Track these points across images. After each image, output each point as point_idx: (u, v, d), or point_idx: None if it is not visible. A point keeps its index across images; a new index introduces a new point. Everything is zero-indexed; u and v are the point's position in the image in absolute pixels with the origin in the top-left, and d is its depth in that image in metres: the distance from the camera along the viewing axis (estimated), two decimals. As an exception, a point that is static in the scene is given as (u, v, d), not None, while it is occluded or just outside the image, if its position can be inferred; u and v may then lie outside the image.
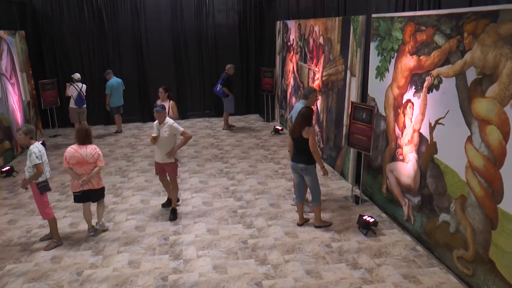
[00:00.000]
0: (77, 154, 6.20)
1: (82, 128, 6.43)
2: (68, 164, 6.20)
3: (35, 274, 5.64)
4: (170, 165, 6.98)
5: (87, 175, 6.25)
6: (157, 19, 13.64)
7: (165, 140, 6.78)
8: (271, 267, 5.56)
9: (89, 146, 6.31)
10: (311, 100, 7.11)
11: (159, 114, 6.76)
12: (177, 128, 6.81)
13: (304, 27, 10.55)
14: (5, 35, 10.95)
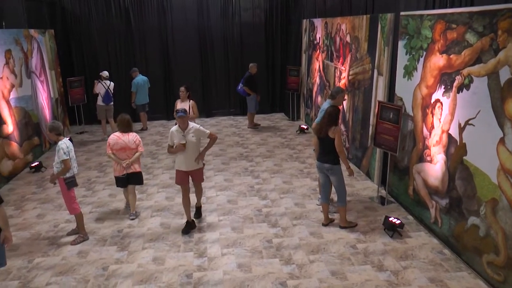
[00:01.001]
0: (120, 140, 6.85)
1: (124, 118, 6.99)
2: (111, 150, 6.86)
3: (62, 267, 5.76)
4: (198, 171, 6.60)
5: (128, 159, 6.88)
6: (183, 18, 13.74)
7: (193, 145, 6.37)
8: (296, 267, 5.53)
9: (130, 133, 6.98)
10: (338, 100, 7.05)
11: (182, 120, 6.30)
12: (204, 131, 6.49)
13: (331, 26, 10.46)
14: (35, 34, 11.19)
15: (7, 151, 9.11)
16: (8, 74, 9.52)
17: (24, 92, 10.20)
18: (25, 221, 7.17)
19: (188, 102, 8.97)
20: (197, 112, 9.11)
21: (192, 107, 8.96)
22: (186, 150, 6.32)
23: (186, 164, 6.44)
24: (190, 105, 8.93)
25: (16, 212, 7.52)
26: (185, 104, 8.92)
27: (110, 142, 6.89)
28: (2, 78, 9.19)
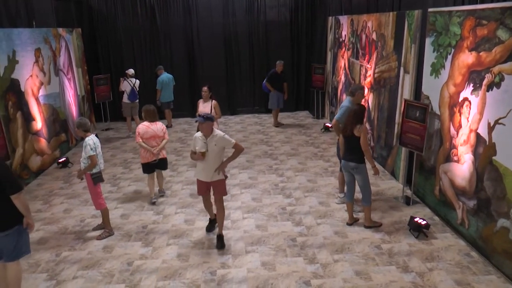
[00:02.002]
0: (149, 129, 7.36)
1: (150, 108, 7.49)
2: (142, 139, 7.31)
3: (88, 262, 5.86)
4: (219, 183, 6.03)
5: (157, 147, 7.39)
6: (209, 16, 13.80)
7: (214, 154, 5.82)
8: (320, 266, 5.50)
9: (157, 122, 7.51)
10: (357, 97, 6.99)
11: (206, 125, 5.75)
12: (229, 140, 5.87)
13: (357, 23, 10.36)
14: (63, 32, 11.41)
15: (36, 147, 9.32)
16: (38, 72, 9.72)
17: (52, 90, 10.41)
18: (53, 215, 7.33)
19: (210, 102, 8.85)
20: (219, 113, 8.93)
21: (214, 107, 8.83)
22: (206, 159, 5.81)
23: (205, 173, 5.94)
24: (212, 105, 8.81)
25: (44, 207, 7.69)
26: (208, 104, 8.83)
27: (140, 132, 7.34)
28: (32, 76, 9.39)
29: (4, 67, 8.31)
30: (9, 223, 4.58)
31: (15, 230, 4.62)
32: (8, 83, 8.42)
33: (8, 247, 4.65)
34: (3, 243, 4.63)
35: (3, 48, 8.32)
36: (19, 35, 8.99)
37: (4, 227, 4.56)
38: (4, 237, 4.59)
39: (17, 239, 4.67)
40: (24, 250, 4.81)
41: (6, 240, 4.61)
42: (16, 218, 4.61)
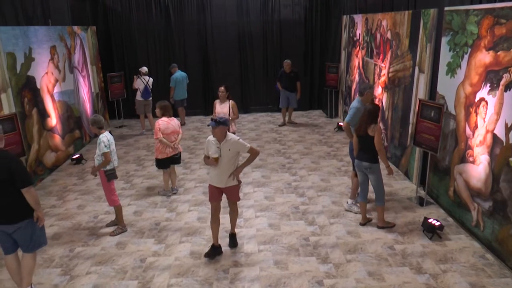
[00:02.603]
0: (169, 125, 7.53)
1: (167, 104, 7.67)
2: (162, 134, 7.43)
3: (101, 258, 5.91)
4: (232, 189, 5.73)
5: (175, 141, 7.59)
6: (223, 15, 13.83)
7: (228, 160, 5.51)
8: (333, 266, 5.48)
9: (173, 118, 7.70)
10: (366, 97, 6.87)
11: (219, 130, 5.43)
12: (244, 145, 5.57)
13: (372, 22, 10.29)
14: (78, 30, 11.51)
15: (50, 143, 9.41)
16: (53, 69, 9.81)
17: (67, 87, 10.50)
18: (67, 211, 7.40)
19: (227, 103, 8.63)
20: (237, 113, 8.75)
21: (232, 108, 8.60)
22: (219, 165, 5.52)
23: (218, 179, 5.63)
24: (230, 105, 8.60)
25: (59, 202, 7.77)
26: (225, 105, 8.61)
27: (161, 127, 7.47)
28: (47, 73, 9.48)
29: (21, 64, 8.40)
30: (21, 215, 4.70)
31: (27, 223, 4.74)
32: (24, 80, 8.51)
33: (25, 239, 4.80)
34: (18, 235, 4.77)
35: (20, 45, 8.41)
36: (35, 33, 9.08)
37: (16, 220, 4.69)
38: (18, 230, 4.72)
39: (32, 231, 4.81)
40: (41, 241, 4.97)
41: (20, 232, 4.75)
42: (27, 211, 4.72)
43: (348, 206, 7.06)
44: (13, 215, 4.67)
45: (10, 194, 4.59)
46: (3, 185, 4.55)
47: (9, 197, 4.60)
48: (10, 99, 7.96)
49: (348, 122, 6.83)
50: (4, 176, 4.51)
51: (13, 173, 4.52)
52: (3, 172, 4.51)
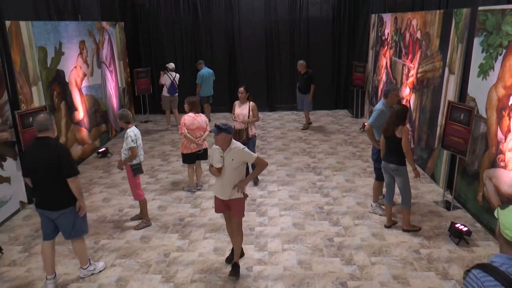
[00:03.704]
0: (195, 121, 7.56)
1: (194, 100, 7.76)
2: (187, 129, 7.49)
3: (126, 251, 5.98)
4: (236, 202, 5.22)
5: (200, 138, 7.62)
6: (251, 12, 13.82)
7: (232, 171, 5.06)
8: (357, 268, 5.42)
9: (201, 114, 7.72)
10: (390, 99, 6.71)
11: (221, 138, 4.98)
12: (250, 155, 5.08)
13: (401, 21, 10.14)
14: (107, 26, 11.65)
15: (77, 137, 9.56)
16: (81, 63, 9.95)
17: (94, 81, 10.65)
18: (92, 203, 7.50)
19: (247, 104, 8.18)
20: (257, 115, 8.22)
21: (252, 110, 8.13)
22: (222, 175, 5.12)
23: (221, 191, 5.20)
24: (250, 107, 8.14)
25: (85, 195, 7.84)
26: (245, 106, 8.18)
27: (186, 123, 7.52)
28: (76, 68, 9.62)
29: (51, 58, 8.54)
30: (65, 203, 4.95)
31: (70, 210, 5.00)
32: (54, 74, 8.65)
33: (67, 226, 5.06)
34: (60, 221, 5.03)
35: (51, 40, 8.55)
36: (66, 28, 9.22)
37: (60, 206, 4.94)
38: (61, 216, 4.98)
39: (74, 218, 5.06)
40: (83, 229, 5.23)
41: (63, 219, 5.01)
42: (71, 199, 4.98)
43: (372, 209, 6.98)
44: (57, 201, 4.93)
45: (57, 181, 4.85)
46: (50, 172, 4.80)
47: (55, 184, 4.86)
48: (41, 92, 8.10)
49: (371, 124, 6.69)
50: (53, 163, 4.77)
51: (61, 162, 4.78)
52: (52, 160, 4.76)
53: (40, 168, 4.82)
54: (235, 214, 5.28)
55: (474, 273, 2.38)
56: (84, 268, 5.40)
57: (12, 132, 7.15)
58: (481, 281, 2.32)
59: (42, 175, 4.84)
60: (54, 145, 4.87)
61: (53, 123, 4.94)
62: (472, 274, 2.39)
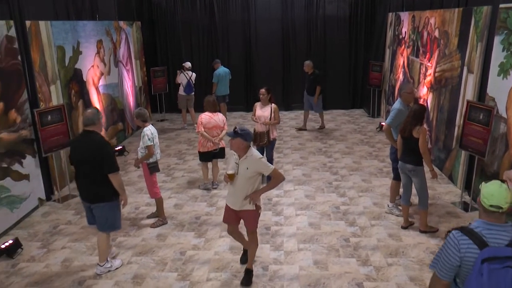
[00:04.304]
0: (212, 120, 7.60)
1: (210, 100, 7.75)
2: (204, 128, 7.52)
3: (142, 248, 6.02)
4: (248, 214, 4.98)
5: (217, 137, 7.62)
6: (267, 10, 13.81)
7: (245, 180, 4.81)
8: (373, 269, 5.38)
9: (218, 113, 7.76)
10: (404, 98, 6.63)
11: (236, 143, 4.76)
12: (266, 165, 4.82)
13: (419, 19, 10.04)
14: (124, 25, 11.73)
15: (95, 135, 9.62)
16: (99, 62, 10.04)
17: (111, 80, 10.73)
18: (110, 202, 7.55)
19: (269, 106, 7.86)
20: (278, 118, 7.93)
21: (274, 112, 7.83)
22: (234, 183, 4.90)
23: (232, 199, 4.97)
24: (272, 109, 7.85)
25: (102, 194, 7.94)
26: (267, 108, 7.86)
27: (203, 121, 7.57)
28: (93, 66, 9.71)
29: (69, 57, 8.63)
30: (100, 197, 5.14)
31: (105, 205, 5.19)
32: (72, 72, 8.74)
33: (102, 219, 5.26)
34: (95, 213, 5.25)
35: (69, 39, 8.63)
36: (84, 27, 9.31)
37: (95, 200, 5.16)
38: (96, 208, 5.20)
39: (108, 214, 5.25)
40: (116, 225, 5.43)
41: (97, 211, 5.22)
42: (110, 195, 5.18)
43: (389, 209, 6.92)
44: (93, 195, 5.15)
45: (95, 175, 5.04)
46: (90, 165, 5.01)
47: (93, 178, 5.06)
48: (59, 90, 8.19)
49: (389, 124, 6.61)
50: (94, 158, 4.97)
51: (102, 158, 4.97)
52: (94, 154, 4.97)
53: (81, 159, 5.07)
54: (247, 226, 5.08)
55: (453, 233, 2.89)
56: (101, 265, 5.48)
57: (31, 130, 7.24)
58: (458, 240, 2.83)
59: (82, 167, 5.09)
60: (98, 140, 5.06)
61: (100, 118, 5.18)
62: (451, 234, 2.90)
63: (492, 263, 2.64)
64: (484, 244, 2.74)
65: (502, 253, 2.67)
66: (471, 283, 2.69)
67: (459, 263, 2.82)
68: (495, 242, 2.76)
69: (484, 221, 2.85)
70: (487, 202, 2.82)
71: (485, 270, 2.63)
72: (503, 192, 2.80)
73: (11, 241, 5.91)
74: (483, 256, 2.67)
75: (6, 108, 6.65)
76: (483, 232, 2.79)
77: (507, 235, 2.77)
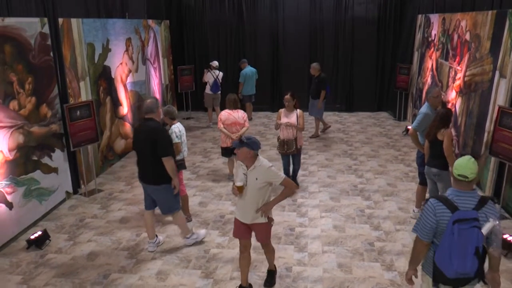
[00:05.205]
0: (231, 116, 7.79)
1: (230, 98, 7.96)
2: (223, 125, 7.75)
3: (166, 245, 6.07)
4: (260, 227, 4.74)
5: (236, 133, 7.74)
6: (295, 11, 13.76)
7: (255, 191, 4.56)
8: (398, 274, 5.31)
9: (239, 110, 7.93)
10: (431, 102, 6.51)
11: (241, 152, 4.51)
12: (276, 175, 4.57)
13: (449, 22, 9.87)
14: (152, 24, 11.87)
15: (121, 131, 9.76)
16: (127, 60, 10.16)
17: (139, 78, 10.85)
18: (134, 197, 7.66)
19: (295, 113, 7.50)
20: (303, 124, 7.54)
21: (300, 118, 7.44)
22: (243, 195, 4.63)
23: (242, 213, 4.72)
24: (297, 115, 7.47)
25: (127, 188, 8.06)
26: (292, 115, 7.49)
27: (222, 118, 7.79)
28: (121, 64, 9.83)
29: (99, 54, 8.76)
30: (157, 180, 5.53)
31: (162, 188, 5.58)
32: (101, 69, 8.87)
33: (162, 201, 5.71)
34: (157, 195, 5.68)
35: (99, 37, 8.77)
36: (113, 25, 9.44)
37: (153, 182, 5.57)
38: (155, 191, 5.63)
39: (166, 195, 5.65)
40: (175, 207, 5.80)
41: (156, 195, 5.67)
42: (163, 178, 5.53)
43: (415, 214, 6.82)
44: (151, 177, 5.56)
45: (152, 159, 5.44)
46: (147, 150, 5.41)
47: (150, 161, 5.47)
48: (88, 87, 8.33)
49: (415, 128, 6.48)
50: (150, 143, 5.38)
51: (158, 142, 5.35)
52: (150, 140, 5.38)
53: (140, 145, 5.55)
54: (260, 240, 4.86)
55: (430, 201, 3.48)
56: (187, 237, 6.01)
57: (61, 125, 7.37)
58: (434, 206, 3.42)
59: (141, 152, 5.58)
60: (154, 127, 5.44)
61: (158, 107, 5.60)
62: (429, 202, 3.48)
63: (461, 224, 3.26)
64: (455, 208, 3.33)
65: (469, 215, 3.29)
66: (444, 241, 3.32)
67: (435, 225, 3.40)
68: (464, 206, 3.34)
69: (455, 189, 3.46)
70: (456, 172, 3.42)
71: (456, 229, 3.25)
72: (470, 165, 3.38)
73: (40, 233, 6.05)
74: (454, 218, 3.28)
75: (38, 103, 6.79)
76: (454, 199, 3.39)
77: (474, 200, 3.37)
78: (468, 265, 3.29)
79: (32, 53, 6.66)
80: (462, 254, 3.27)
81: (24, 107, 6.47)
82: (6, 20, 6.10)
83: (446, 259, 3.33)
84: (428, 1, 11.78)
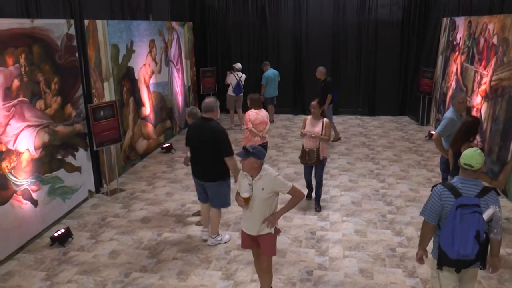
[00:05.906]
0: (259, 116, 7.88)
1: (255, 97, 8.12)
2: (252, 124, 7.80)
3: (187, 245, 6.10)
4: (266, 238, 4.56)
5: (263, 132, 7.90)
6: (319, 15, 13.71)
7: (262, 202, 4.41)
8: (420, 282, 5.23)
9: (262, 109, 8.03)
10: (457, 107, 6.40)
11: (248, 163, 4.35)
12: (283, 184, 4.45)
13: (476, 25, 9.71)
14: (176, 26, 11.96)
15: (143, 131, 9.86)
16: (150, 61, 10.26)
17: (161, 79, 10.94)
18: (156, 197, 7.72)
19: (321, 121, 7.00)
20: (329, 133, 7.13)
21: (326, 127, 6.95)
22: (250, 206, 4.47)
23: (249, 225, 4.57)
24: (323, 124, 6.98)
25: (148, 188, 8.12)
26: (318, 123, 7.00)
27: (251, 118, 7.82)
28: (145, 65, 9.93)
29: (123, 55, 8.86)
30: (212, 177, 5.75)
31: (216, 184, 5.79)
32: (124, 70, 8.97)
33: (215, 195, 5.88)
34: (212, 190, 5.84)
35: (124, 38, 8.87)
36: (138, 27, 9.55)
37: (208, 179, 5.78)
38: (209, 187, 5.83)
39: (219, 192, 5.86)
40: (225, 202, 5.99)
41: (210, 190, 5.85)
42: (217, 175, 5.75)
43: None
44: (206, 174, 5.77)
45: (208, 158, 5.65)
46: (205, 149, 5.62)
47: (207, 159, 5.67)
48: (111, 87, 8.43)
49: (439, 133, 6.37)
50: (208, 142, 5.58)
51: (217, 143, 5.55)
52: (208, 139, 5.57)
53: (197, 143, 5.72)
54: (265, 252, 4.61)
55: (437, 187, 3.80)
56: (212, 237, 6.11)
57: (85, 124, 7.47)
58: (440, 191, 3.74)
59: (197, 149, 5.75)
60: (213, 126, 5.62)
61: (217, 106, 5.79)
62: (436, 188, 3.80)
63: (464, 209, 3.55)
64: (458, 195, 3.62)
65: (471, 201, 3.57)
66: (448, 224, 3.62)
67: (440, 209, 3.71)
68: (467, 193, 3.62)
69: (461, 177, 3.73)
70: (463, 161, 3.69)
71: (458, 214, 3.55)
72: (476, 155, 3.65)
73: (63, 230, 6.14)
74: (457, 203, 3.57)
75: (63, 103, 6.90)
76: (459, 186, 3.68)
77: (477, 188, 3.65)
78: (469, 247, 3.55)
79: (59, 53, 6.77)
80: (464, 237, 3.54)
81: (50, 107, 6.59)
82: (35, 22, 6.22)
83: (449, 241, 3.62)
84: (453, 4, 11.60)
